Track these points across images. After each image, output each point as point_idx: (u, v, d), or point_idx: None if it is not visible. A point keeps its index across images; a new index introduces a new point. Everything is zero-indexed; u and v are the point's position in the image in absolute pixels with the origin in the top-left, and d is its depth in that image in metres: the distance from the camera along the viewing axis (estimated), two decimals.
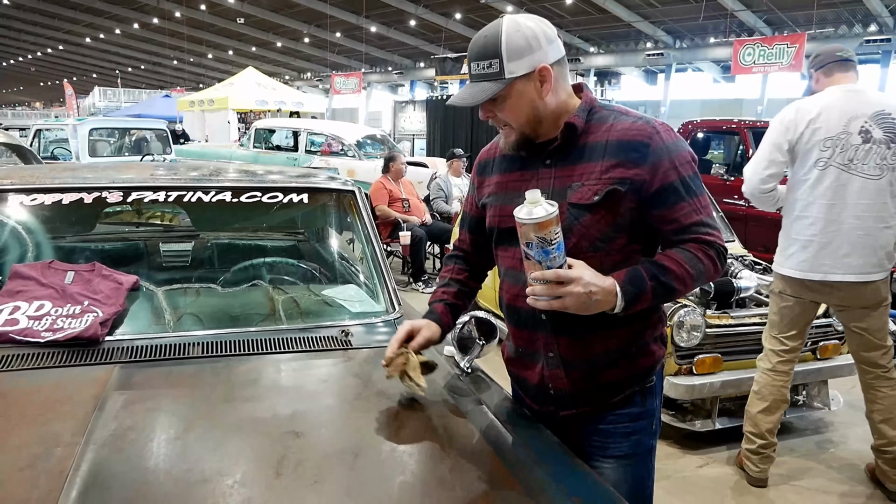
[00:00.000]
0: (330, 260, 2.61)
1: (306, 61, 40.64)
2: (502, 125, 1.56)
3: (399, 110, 22.60)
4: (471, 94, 1.49)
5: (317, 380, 1.74)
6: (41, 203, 2.23)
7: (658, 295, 1.46)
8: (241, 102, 18.90)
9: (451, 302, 1.77)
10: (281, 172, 2.80)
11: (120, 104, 33.46)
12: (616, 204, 1.47)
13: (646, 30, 26.66)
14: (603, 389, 1.60)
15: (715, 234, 1.51)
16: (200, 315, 2.06)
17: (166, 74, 48.14)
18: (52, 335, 1.80)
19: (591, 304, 1.39)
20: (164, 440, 1.37)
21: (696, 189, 1.50)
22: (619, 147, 1.48)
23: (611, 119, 1.52)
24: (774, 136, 2.97)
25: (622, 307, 1.41)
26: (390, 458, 1.39)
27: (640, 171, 1.46)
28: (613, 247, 1.49)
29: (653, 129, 1.49)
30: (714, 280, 1.57)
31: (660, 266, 1.45)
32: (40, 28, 38.01)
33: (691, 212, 1.48)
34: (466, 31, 28.58)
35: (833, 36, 22.97)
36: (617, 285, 1.40)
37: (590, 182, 1.48)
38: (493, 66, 1.45)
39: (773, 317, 3.15)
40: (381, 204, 7.03)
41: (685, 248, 1.48)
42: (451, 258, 1.86)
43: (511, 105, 1.49)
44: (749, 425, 3.18)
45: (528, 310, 1.57)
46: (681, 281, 1.46)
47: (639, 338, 1.58)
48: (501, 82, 1.46)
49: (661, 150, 1.47)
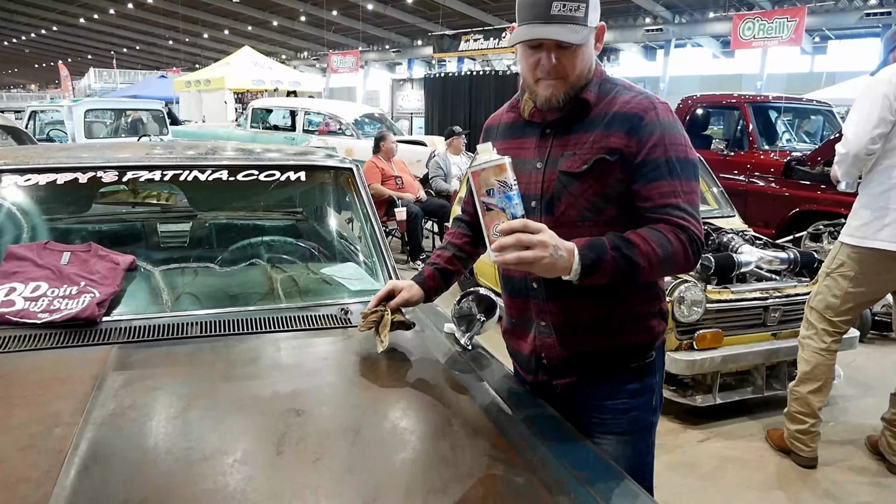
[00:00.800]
0: (328, 238, 2.60)
1: (303, 40, 40.31)
2: (558, 76, 1.46)
3: (397, 89, 22.43)
4: (560, 32, 1.39)
5: (316, 358, 1.73)
6: (36, 183, 2.21)
7: (620, 268, 1.37)
8: (238, 82, 18.76)
9: (442, 267, 1.78)
10: (279, 151, 2.77)
11: (116, 85, 33.24)
12: (605, 174, 1.46)
13: (645, 5, 26.40)
14: (596, 359, 1.58)
15: (690, 221, 1.43)
16: (198, 294, 2.05)
17: (162, 55, 47.76)
18: (49, 316, 1.78)
19: (557, 259, 1.31)
20: (163, 419, 1.36)
21: (681, 173, 1.44)
22: (614, 119, 1.47)
23: (613, 92, 1.51)
24: (879, 98, 2.89)
25: (577, 272, 1.34)
26: (391, 436, 1.38)
27: (629, 143, 1.44)
28: (602, 217, 1.47)
29: (650, 104, 1.47)
30: (686, 270, 1.50)
31: (624, 239, 1.39)
32: (34, 9, 37.64)
33: (669, 192, 1.43)
34: (464, 9, 28.34)
35: (833, 10, 22.79)
36: (576, 250, 1.34)
37: (581, 151, 1.47)
38: (579, 10, 1.41)
39: (833, 299, 3.07)
40: (375, 182, 7.01)
41: (654, 228, 1.42)
42: (457, 221, 1.87)
43: (581, 54, 1.45)
44: (799, 406, 3.15)
45: (520, 278, 1.59)
46: (646, 257, 1.38)
47: (634, 310, 1.57)
48: (588, 29, 1.43)
49: (654, 126, 1.45)
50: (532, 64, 1.48)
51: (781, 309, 3.58)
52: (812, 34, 23.64)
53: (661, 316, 1.64)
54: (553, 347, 1.59)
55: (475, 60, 26.82)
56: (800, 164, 6.55)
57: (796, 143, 8.06)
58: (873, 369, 4.38)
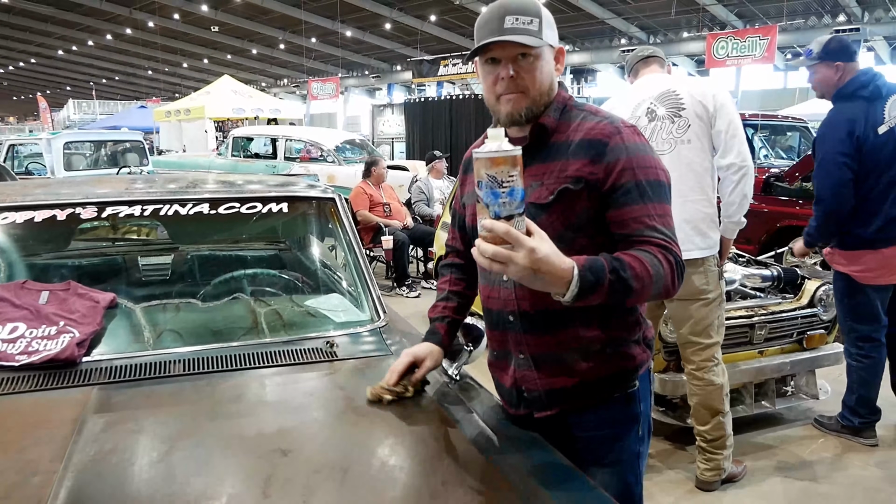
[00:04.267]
0: (312, 269, 2.58)
1: (282, 67, 40.41)
2: (518, 90, 1.47)
3: (377, 114, 22.53)
4: (516, 38, 1.42)
5: (302, 394, 1.70)
6: (13, 221, 2.18)
7: (615, 291, 1.29)
8: (218, 111, 18.72)
9: (452, 318, 1.75)
10: (260, 182, 2.76)
11: (95, 116, 33.04)
12: (570, 204, 1.44)
13: (619, 26, 26.79)
14: (577, 390, 1.55)
15: (672, 243, 1.40)
16: (181, 331, 2.02)
17: (141, 85, 47.65)
18: (27, 358, 1.74)
19: (535, 280, 1.22)
20: (146, 463, 1.33)
21: (653, 195, 1.42)
22: (579, 146, 1.46)
23: (579, 118, 1.51)
24: None
25: (574, 293, 1.24)
26: (380, 473, 1.35)
27: (594, 170, 1.43)
28: (573, 248, 1.36)
29: (615, 128, 1.46)
30: (669, 296, 1.44)
31: (620, 261, 1.32)
32: (11, 42, 37.43)
33: (644, 216, 1.40)
34: (442, 34, 28.60)
35: (803, 27, 23.23)
36: (576, 270, 1.24)
37: (549, 181, 1.46)
38: (533, 24, 1.44)
39: None
40: (362, 209, 6.99)
41: (645, 249, 1.37)
42: (447, 267, 1.84)
43: (539, 67, 1.47)
44: None
45: (497, 310, 1.57)
46: (639, 280, 1.32)
47: (615, 339, 1.54)
48: (543, 42, 1.45)
49: (619, 150, 1.43)
50: (492, 81, 1.49)
51: (767, 326, 3.59)
52: (784, 51, 24.06)
53: (645, 343, 1.60)
54: (532, 380, 1.57)
55: (454, 84, 27.02)
56: (778, 181, 6.63)
57: (773, 159, 8.15)
58: None
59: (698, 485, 3.08)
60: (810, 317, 3.70)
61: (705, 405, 2.99)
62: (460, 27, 28.09)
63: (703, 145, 2.87)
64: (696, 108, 2.86)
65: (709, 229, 2.87)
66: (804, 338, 3.70)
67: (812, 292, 3.73)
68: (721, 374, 2.99)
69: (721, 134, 2.84)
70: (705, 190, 2.87)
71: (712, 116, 2.85)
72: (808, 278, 3.86)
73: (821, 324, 3.73)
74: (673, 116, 2.90)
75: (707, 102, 2.85)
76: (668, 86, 2.96)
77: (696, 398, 3.01)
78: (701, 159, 2.86)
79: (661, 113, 2.93)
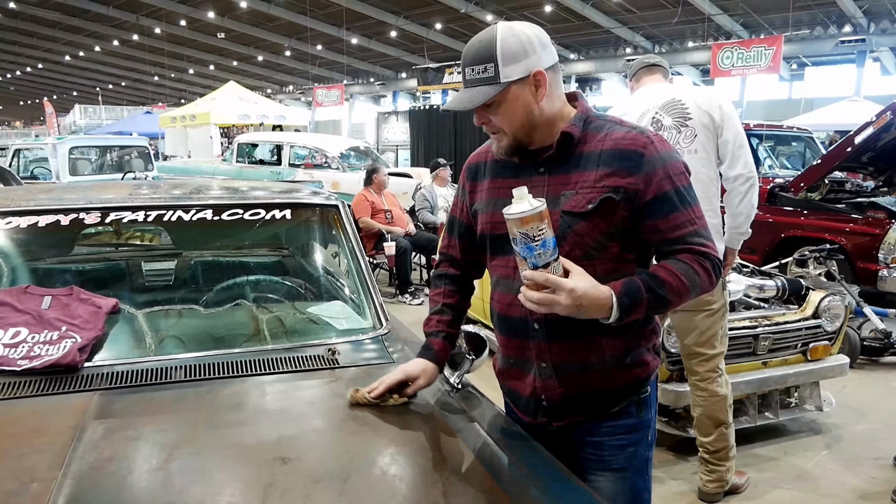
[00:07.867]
0: (315, 276, 2.57)
1: (288, 74, 40.55)
2: (495, 131, 1.53)
3: (382, 121, 22.59)
4: (467, 98, 1.48)
5: (303, 402, 1.69)
6: (17, 226, 2.18)
7: (653, 307, 1.45)
8: (223, 117, 18.78)
9: (447, 332, 1.73)
10: (264, 188, 2.76)
11: (101, 121, 33.15)
12: (610, 212, 1.47)
13: (625, 35, 26.83)
14: (597, 398, 1.57)
15: (710, 246, 1.50)
16: (183, 337, 2.01)
17: (147, 91, 47.85)
18: (28, 363, 1.74)
19: (580, 313, 1.38)
20: (145, 471, 1.32)
21: (690, 199, 1.51)
22: (612, 156, 1.48)
23: (605, 129, 1.53)
24: None
25: (616, 318, 1.40)
26: (381, 483, 1.34)
27: (633, 181, 1.46)
28: (606, 255, 1.49)
29: (647, 138, 1.49)
30: (708, 292, 1.57)
31: (656, 278, 1.44)
32: (19, 47, 37.68)
33: (686, 222, 1.48)
34: (447, 41, 28.65)
35: (808, 37, 23.25)
36: (614, 297, 1.39)
37: (584, 190, 1.48)
38: (487, 71, 1.45)
39: None
40: (364, 216, 7.00)
41: (681, 260, 1.47)
42: (441, 278, 1.81)
43: (506, 110, 1.48)
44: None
45: (519, 318, 1.56)
46: (676, 293, 1.45)
47: (634, 348, 1.57)
48: (497, 86, 1.45)
49: (656, 160, 1.47)
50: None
51: (771, 337, 3.58)
52: (789, 61, 24.08)
53: (656, 351, 1.65)
54: (554, 389, 1.57)
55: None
56: (783, 191, 6.61)
57: (778, 169, 8.14)
58: (864, 395, 4.37)
59: (701, 496, 3.06)
60: (814, 328, 3.67)
61: (709, 416, 2.97)
62: (466, 35, 28.10)
63: (710, 155, 2.86)
64: (702, 118, 2.85)
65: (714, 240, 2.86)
66: (808, 349, 3.68)
67: (816, 303, 3.71)
68: (724, 384, 2.97)
69: (728, 144, 2.83)
70: (711, 200, 2.86)
71: (719, 126, 2.84)
72: (813, 289, 3.84)
73: (825, 335, 3.70)
74: (679, 126, 2.89)
75: (713, 112, 2.85)
76: (673, 95, 2.96)
77: (699, 409, 2.99)
78: (707, 169, 2.86)
79: (667, 123, 2.92)
